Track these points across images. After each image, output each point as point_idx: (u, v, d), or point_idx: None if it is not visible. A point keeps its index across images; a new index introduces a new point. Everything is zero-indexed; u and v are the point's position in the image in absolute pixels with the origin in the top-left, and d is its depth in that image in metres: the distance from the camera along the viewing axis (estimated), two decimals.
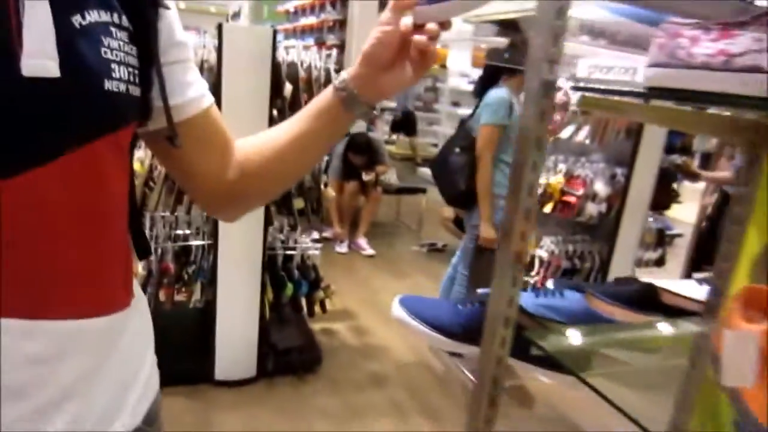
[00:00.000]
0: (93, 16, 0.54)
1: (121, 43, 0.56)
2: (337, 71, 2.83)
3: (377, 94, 0.70)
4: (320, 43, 5.11)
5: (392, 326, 3.31)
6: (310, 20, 5.56)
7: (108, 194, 0.59)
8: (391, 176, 5.03)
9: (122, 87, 0.55)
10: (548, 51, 0.65)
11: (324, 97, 0.72)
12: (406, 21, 0.65)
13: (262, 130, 0.77)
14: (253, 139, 0.77)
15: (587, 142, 3.20)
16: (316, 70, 2.49)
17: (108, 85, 0.53)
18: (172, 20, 0.64)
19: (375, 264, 4.44)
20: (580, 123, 3.23)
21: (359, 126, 4.37)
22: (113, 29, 0.56)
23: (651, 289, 1.06)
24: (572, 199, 3.30)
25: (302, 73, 2.44)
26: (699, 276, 1.06)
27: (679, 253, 4.09)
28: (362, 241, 4.63)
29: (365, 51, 0.68)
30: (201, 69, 2.26)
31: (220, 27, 2.15)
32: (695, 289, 1.08)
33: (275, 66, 2.24)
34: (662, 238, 3.92)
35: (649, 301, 1.04)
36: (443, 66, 7.56)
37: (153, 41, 0.61)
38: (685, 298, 1.05)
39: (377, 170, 4.63)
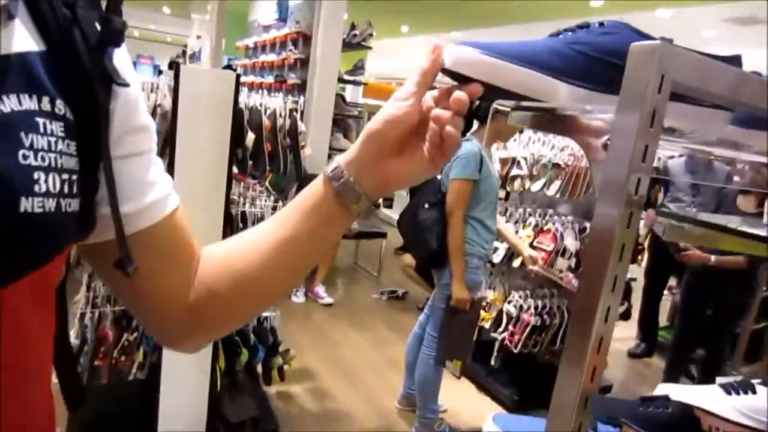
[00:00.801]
0: (10, 102, 0.36)
1: (53, 140, 0.39)
2: (301, 113, 2.65)
3: (381, 184, 0.54)
4: (281, 82, 4.95)
5: (356, 388, 3.08)
6: (271, 57, 5.38)
7: (23, 356, 0.41)
8: None
9: (50, 204, 0.38)
10: (637, 164, 0.49)
11: (313, 189, 0.55)
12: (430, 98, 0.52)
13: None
14: (225, 247, 0.58)
15: (557, 196, 3.15)
16: (280, 118, 2.31)
17: (26, 204, 0.36)
18: (131, 99, 0.46)
19: (334, 314, 4.20)
20: (551, 177, 3.18)
21: (314, 167, 4.18)
22: (41, 121, 0.38)
23: (687, 412, 0.95)
24: (542, 255, 3.22)
25: (266, 121, 2.26)
26: (723, 381, 0.94)
27: (635, 298, 4.07)
28: (320, 289, 4.40)
29: (370, 129, 0.52)
30: (153, 114, 2.04)
31: (177, 68, 1.94)
32: (725, 402, 0.99)
33: (237, 113, 2.05)
34: (628, 292, 3.91)
35: (689, 428, 0.92)
36: None
37: (102, 132, 0.42)
38: (727, 421, 0.95)
39: None
